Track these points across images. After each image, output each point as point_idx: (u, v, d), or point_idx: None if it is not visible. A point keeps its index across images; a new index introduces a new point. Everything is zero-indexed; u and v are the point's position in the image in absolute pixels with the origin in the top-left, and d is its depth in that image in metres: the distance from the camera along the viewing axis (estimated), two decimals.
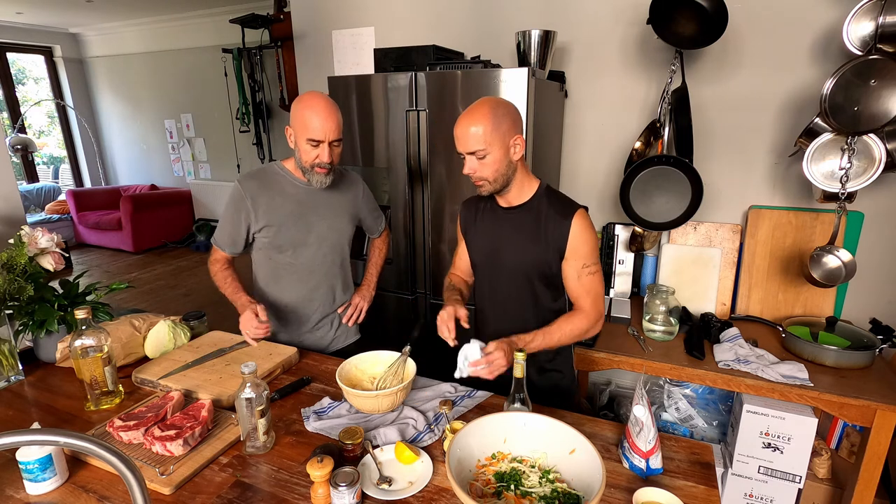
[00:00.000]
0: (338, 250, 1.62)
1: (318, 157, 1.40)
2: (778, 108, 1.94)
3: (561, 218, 1.25)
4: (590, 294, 1.28)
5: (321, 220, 1.55)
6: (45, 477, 0.96)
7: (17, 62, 6.79)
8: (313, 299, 1.61)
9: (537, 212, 1.28)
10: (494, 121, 1.17)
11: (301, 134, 1.39)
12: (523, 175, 1.28)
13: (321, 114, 1.36)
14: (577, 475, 0.91)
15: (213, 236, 1.55)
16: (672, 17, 1.80)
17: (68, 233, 6.12)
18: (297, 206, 1.51)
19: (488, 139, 1.17)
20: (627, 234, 2.15)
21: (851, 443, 1.85)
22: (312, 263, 1.57)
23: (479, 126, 1.17)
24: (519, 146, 1.21)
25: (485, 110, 1.17)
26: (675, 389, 2.09)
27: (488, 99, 1.21)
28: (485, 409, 1.23)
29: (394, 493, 0.94)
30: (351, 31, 2.70)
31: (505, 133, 1.18)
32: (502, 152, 1.19)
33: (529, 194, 1.30)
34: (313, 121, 1.36)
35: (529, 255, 1.29)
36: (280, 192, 1.50)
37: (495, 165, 1.20)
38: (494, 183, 1.24)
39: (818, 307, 1.91)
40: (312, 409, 1.22)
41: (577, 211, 1.25)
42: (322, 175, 1.44)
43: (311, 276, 1.59)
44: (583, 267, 1.26)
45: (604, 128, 2.24)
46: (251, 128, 5.05)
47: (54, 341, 1.43)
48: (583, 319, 1.27)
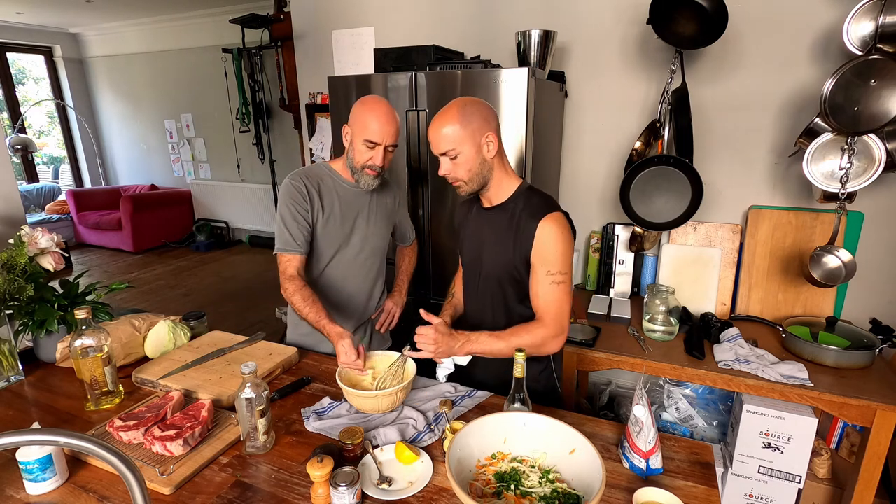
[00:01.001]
0: (378, 254, 1.61)
1: (372, 159, 1.40)
2: (778, 108, 1.94)
3: (530, 220, 1.21)
4: (551, 306, 1.21)
5: (365, 223, 1.54)
6: (45, 477, 0.96)
7: (17, 62, 6.79)
8: (349, 304, 1.59)
9: (512, 212, 1.26)
10: (463, 119, 1.17)
11: (359, 134, 1.38)
12: (501, 173, 1.26)
13: (382, 118, 1.37)
14: (577, 475, 0.91)
15: (277, 245, 1.44)
16: (672, 17, 1.80)
17: (68, 233, 6.12)
18: (344, 207, 1.51)
19: (458, 138, 1.17)
20: (627, 234, 2.16)
21: (851, 443, 1.85)
22: (352, 265, 1.56)
23: (448, 126, 1.17)
24: (492, 143, 1.20)
25: (453, 110, 1.18)
26: (675, 389, 2.09)
27: (458, 99, 1.21)
28: (485, 409, 1.23)
29: (394, 493, 0.94)
30: (351, 31, 2.70)
31: (475, 131, 1.18)
32: (474, 150, 1.19)
33: (508, 193, 1.27)
34: (373, 123, 1.36)
35: (500, 256, 1.27)
36: (329, 192, 1.49)
37: (468, 164, 1.20)
38: (471, 183, 1.23)
39: (818, 307, 1.91)
40: (312, 409, 1.22)
41: (549, 214, 1.20)
42: (371, 177, 1.43)
43: (350, 280, 1.57)
44: (547, 274, 1.20)
45: (604, 128, 2.24)
46: (251, 128, 5.05)
47: (54, 341, 1.43)
48: (540, 331, 1.20)
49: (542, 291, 1.22)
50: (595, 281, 2.27)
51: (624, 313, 2.01)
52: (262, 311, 4.05)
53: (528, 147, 1.77)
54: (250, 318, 3.96)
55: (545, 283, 1.21)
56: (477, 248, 1.34)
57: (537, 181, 1.93)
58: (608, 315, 2.02)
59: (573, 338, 1.81)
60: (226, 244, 6.20)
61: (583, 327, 1.91)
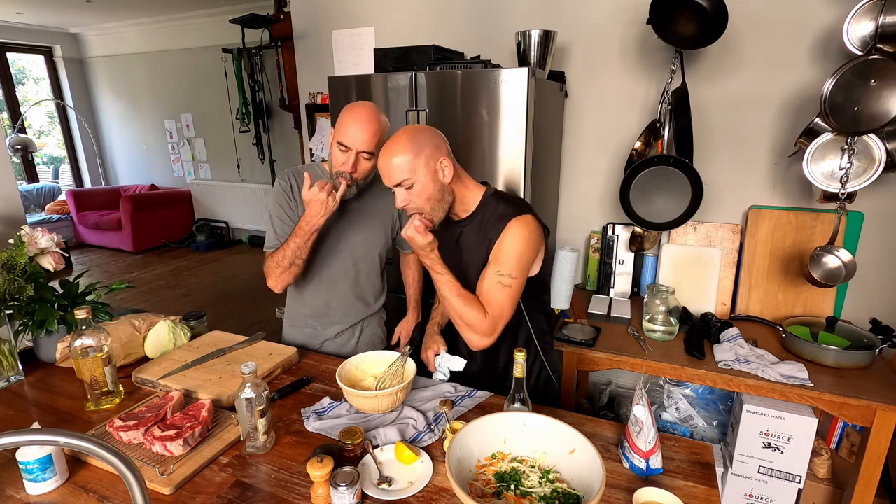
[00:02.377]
0: (368, 262, 1.57)
1: (344, 163, 1.36)
2: (778, 108, 1.94)
3: (498, 222, 1.21)
4: (493, 305, 1.18)
5: (353, 231, 1.51)
6: (45, 477, 0.95)
7: (17, 62, 6.79)
8: (337, 308, 1.58)
9: (480, 220, 1.26)
10: (414, 148, 1.16)
11: (335, 136, 1.37)
12: (462, 190, 1.26)
13: (358, 122, 1.33)
14: (577, 475, 0.91)
15: (266, 243, 1.48)
16: (672, 17, 1.80)
17: (68, 233, 6.12)
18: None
19: (411, 167, 1.16)
20: (627, 234, 2.16)
21: (851, 443, 1.85)
22: (338, 272, 1.54)
23: (399, 156, 1.16)
24: (447, 168, 1.19)
25: (404, 140, 1.17)
26: (675, 389, 2.09)
27: (407, 128, 1.20)
28: (485, 409, 1.23)
29: (394, 493, 0.94)
30: (351, 31, 2.70)
31: (428, 157, 1.17)
32: (429, 178, 1.18)
33: (474, 204, 1.27)
34: (349, 127, 1.34)
35: (475, 265, 1.27)
36: None
37: (426, 193, 1.19)
38: (433, 212, 1.21)
39: (818, 307, 1.91)
40: (312, 409, 1.22)
41: (518, 217, 1.19)
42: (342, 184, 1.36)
43: (337, 284, 1.55)
44: (496, 273, 1.18)
45: (604, 128, 2.24)
46: (251, 128, 5.05)
47: (54, 341, 1.43)
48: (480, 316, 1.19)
49: (486, 289, 1.20)
50: (595, 281, 2.27)
51: (624, 313, 2.01)
52: (262, 311, 4.05)
53: (528, 147, 1.77)
54: (250, 318, 3.96)
55: (492, 282, 1.19)
56: (456, 262, 1.33)
57: (537, 182, 1.93)
58: (608, 315, 2.02)
59: (573, 338, 1.81)
60: (226, 244, 6.20)
61: (583, 327, 1.91)
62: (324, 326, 1.60)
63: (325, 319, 1.59)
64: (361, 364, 1.31)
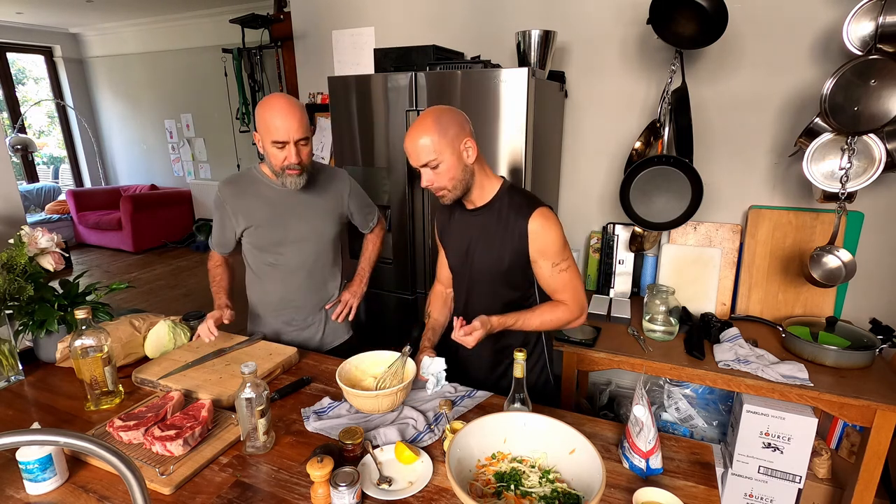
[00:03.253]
0: (321, 249, 1.60)
1: (287, 158, 1.37)
2: (778, 108, 1.94)
3: (519, 218, 1.25)
4: (566, 290, 1.28)
5: (299, 221, 1.54)
6: (45, 477, 0.95)
7: (17, 62, 6.79)
8: (296, 298, 1.61)
9: (498, 212, 1.28)
10: (440, 129, 1.17)
11: (266, 137, 1.36)
12: (482, 176, 1.28)
13: (282, 114, 1.33)
14: (577, 475, 0.91)
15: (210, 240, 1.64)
16: (672, 17, 1.80)
17: (68, 233, 6.12)
18: (272, 208, 1.51)
19: (438, 147, 1.18)
20: (627, 234, 2.16)
21: (851, 443, 1.85)
22: (293, 263, 1.57)
23: (426, 137, 1.17)
24: (471, 149, 1.22)
25: (429, 121, 1.18)
26: (675, 389, 2.09)
27: (432, 109, 1.22)
28: (485, 409, 1.23)
29: (394, 493, 0.94)
30: (351, 31, 2.70)
31: (454, 138, 1.19)
32: (455, 158, 1.20)
33: (491, 194, 1.30)
34: (274, 121, 1.33)
35: (490, 254, 1.30)
36: (256, 196, 1.51)
37: (451, 173, 1.21)
38: (454, 190, 1.24)
39: (818, 307, 1.91)
40: (312, 409, 1.22)
41: (536, 210, 1.24)
42: (294, 176, 1.41)
43: (294, 275, 1.59)
44: (553, 266, 1.26)
45: (604, 128, 2.24)
46: (251, 128, 5.05)
47: (54, 341, 1.43)
48: (564, 311, 1.28)
49: (554, 282, 1.28)
50: (595, 281, 2.27)
51: (624, 313, 2.01)
52: None
53: (528, 147, 1.77)
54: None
55: (554, 274, 1.27)
56: (465, 250, 1.35)
57: (537, 181, 1.93)
58: (608, 315, 2.02)
59: (573, 338, 1.81)
60: None
61: (583, 327, 1.90)
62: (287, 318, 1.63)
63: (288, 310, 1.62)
64: (361, 364, 1.31)
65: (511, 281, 1.32)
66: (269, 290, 1.61)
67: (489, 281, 1.33)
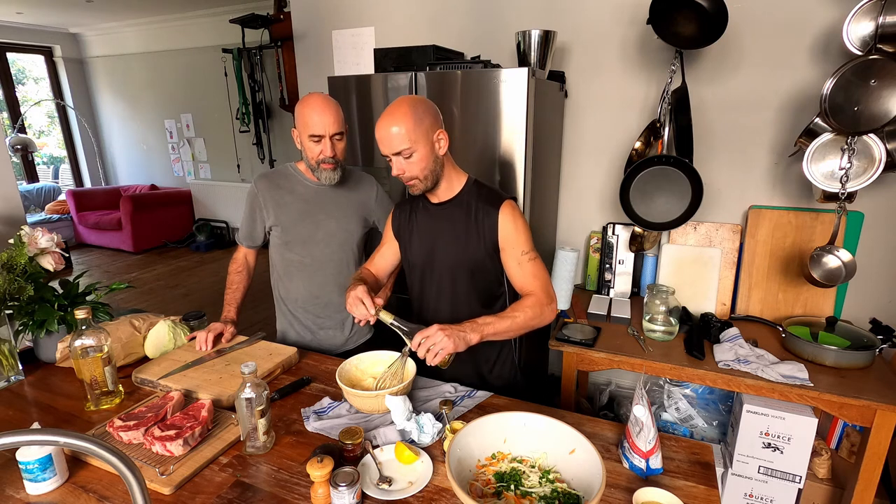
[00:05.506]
0: (347, 249, 1.63)
1: (322, 152, 1.45)
2: (778, 108, 1.94)
3: (490, 209, 1.26)
4: (535, 279, 1.27)
5: (329, 219, 1.58)
6: (45, 477, 0.96)
7: (17, 62, 6.79)
8: (322, 295, 1.63)
9: (467, 205, 1.29)
10: (415, 118, 1.17)
11: (304, 132, 1.44)
12: (451, 169, 1.30)
13: (318, 109, 1.41)
14: (577, 475, 0.91)
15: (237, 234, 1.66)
16: (672, 17, 1.80)
17: (68, 233, 6.12)
18: (304, 204, 1.56)
19: (412, 137, 1.17)
20: (627, 234, 2.16)
21: (851, 443, 1.85)
22: (321, 261, 1.60)
23: (400, 125, 1.17)
24: (443, 140, 1.23)
25: (404, 109, 1.18)
26: (675, 389, 2.09)
27: (405, 98, 1.21)
28: (485, 409, 1.22)
29: (394, 493, 0.94)
30: (351, 31, 2.70)
31: (428, 129, 1.19)
32: (428, 148, 1.21)
33: (458, 188, 1.31)
34: (312, 117, 1.41)
35: (462, 249, 1.30)
36: (290, 192, 1.57)
37: (423, 162, 1.21)
38: (425, 180, 1.25)
39: (818, 307, 1.91)
40: (312, 409, 1.22)
41: (505, 202, 1.27)
42: (329, 171, 1.48)
43: (320, 272, 1.61)
44: (521, 254, 1.27)
45: (604, 128, 2.24)
46: (251, 128, 5.06)
47: (54, 341, 1.43)
48: (534, 304, 1.23)
49: (523, 271, 1.28)
50: (595, 281, 2.27)
51: (624, 313, 2.01)
52: (262, 312, 4.05)
53: (528, 147, 1.77)
54: (250, 318, 3.96)
55: (523, 263, 1.27)
56: (429, 245, 1.35)
57: (537, 181, 1.93)
58: (608, 315, 2.02)
59: (573, 338, 1.81)
60: (226, 244, 6.20)
61: (583, 327, 1.91)
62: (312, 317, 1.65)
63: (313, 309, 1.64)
64: (361, 364, 1.31)
65: (480, 274, 1.33)
66: (295, 287, 1.63)
67: (457, 275, 1.34)
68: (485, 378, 1.43)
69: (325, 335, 1.67)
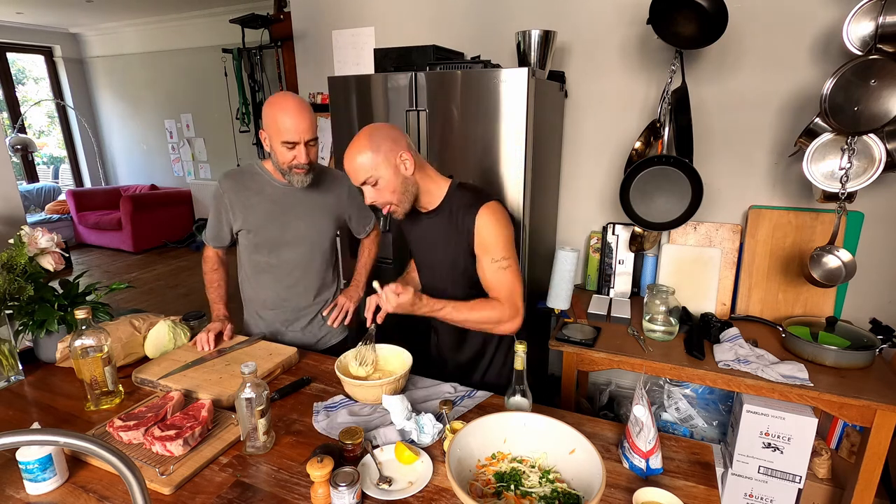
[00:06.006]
0: (318, 250, 1.60)
1: (296, 158, 1.39)
2: (778, 108, 1.94)
3: (467, 214, 1.25)
4: (503, 288, 1.25)
5: (299, 220, 1.54)
6: (45, 477, 0.95)
7: (17, 62, 6.79)
8: (291, 298, 1.61)
9: (449, 212, 1.29)
10: (373, 146, 1.19)
11: (275, 137, 1.38)
12: (427, 182, 1.29)
13: (292, 114, 1.35)
14: (577, 475, 0.91)
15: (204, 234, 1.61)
16: (672, 17, 1.80)
17: (68, 233, 6.12)
18: (273, 205, 1.52)
19: (373, 164, 1.19)
20: (627, 234, 2.16)
21: (851, 443, 1.85)
22: (290, 263, 1.58)
23: (361, 156, 1.19)
24: (407, 161, 1.22)
25: (362, 139, 1.20)
26: (675, 389, 2.09)
27: (365, 128, 1.23)
28: (485, 409, 1.22)
29: (394, 493, 0.94)
30: (351, 31, 2.70)
31: (388, 153, 1.20)
32: (391, 172, 1.21)
33: (440, 196, 1.31)
34: (286, 122, 1.35)
35: (448, 255, 1.31)
36: (257, 192, 1.52)
37: (391, 187, 1.22)
38: (401, 204, 1.25)
39: (818, 307, 1.91)
40: (324, 404, 1.23)
41: (485, 204, 1.24)
42: (301, 175, 1.43)
43: (290, 275, 1.59)
44: (492, 262, 1.25)
45: (604, 128, 2.24)
46: (251, 128, 5.05)
47: (54, 341, 1.43)
48: (496, 308, 1.24)
49: (491, 278, 1.26)
50: (595, 281, 2.27)
51: (624, 313, 2.01)
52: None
53: (528, 147, 1.77)
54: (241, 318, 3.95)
55: (492, 270, 1.26)
56: (428, 252, 1.39)
57: (537, 181, 1.93)
58: (608, 315, 2.02)
59: (573, 338, 1.81)
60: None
61: (582, 327, 1.91)
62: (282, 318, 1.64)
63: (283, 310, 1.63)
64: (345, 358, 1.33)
65: (471, 282, 1.32)
66: (264, 289, 1.61)
67: (450, 283, 1.35)
68: (484, 378, 1.44)
69: (297, 336, 1.65)
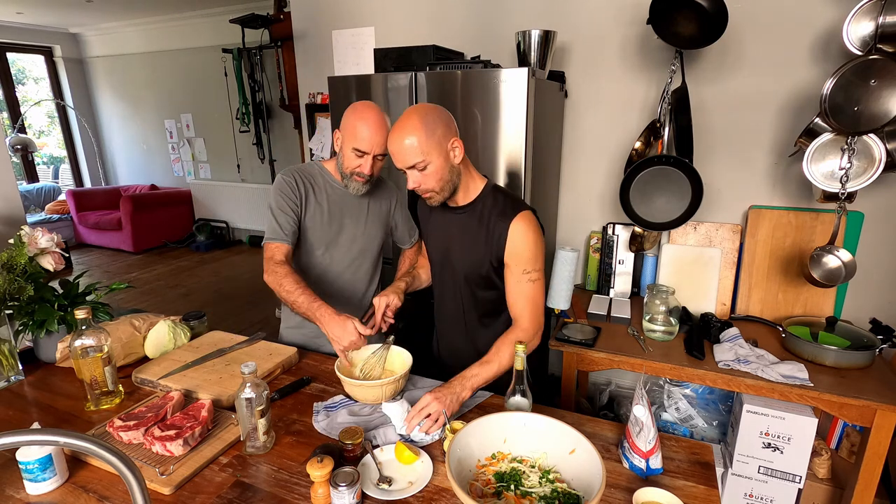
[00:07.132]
0: (367, 255, 1.61)
1: (361, 167, 1.40)
2: (778, 108, 1.94)
3: (501, 220, 1.22)
4: (529, 303, 1.23)
5: (353, 224, 1.56)
6: (45, 477, 0.96)
7: (17, 62, 6.79)
8: (338, 301, 1.58)
9: (480, 213, 1.26)
10: (427, 129, 1.13)
11: (349, 142, 1.38)
12: (468, 176, 1.27)
13: (372, 127, 1.35)
14: (577, 475, 0.91)
15: (266, 235, 1.45)
16: (672, 17, 1.80)
17: (68, 233, 6.12)
18: (331, 206, 1.53)
19: (425, 148, 1.14)
20: (627, 234, 2.16)
21: (851, 443, 1.85)
22: (340, 265, 1.58)
23: (412, 137, 1.13)
24: (458, 149, 1.19)
25: (415, 120, 1.14)
26: (675, 389, 2.09)
27: (416, 107, 1.18)
28: (485, 409, 1.22)
29: (394, 493, 0.94)
30: (351, 31, 2.70)
31: (441, 138, 1.15)
32: (442, 159, 1.17)
33: (475, 194, 1.28)
34: (363, 131, 1.35)
35: (471, 256, 1.28)
36: (319, 191, 1.52)
37: (439, 174, 1.18)
38: (442, 192, 1.22)
39: (818, 307, 1.91)
40: (324, 404, 1.23)
41: (520, 213, 1.21)
42: (360, 184, 1.44)
43: (339, 278, 1.59)
44: (523, 273, 1.22)
45: (604, 128, 2.24)
46: (251, 128, 5.05)
47: (54, 341, 1.43)
48: (519, 335, 1.22)
49: (520, 290, 1.24)
50: (595, 281, 2.27)
51: (624, 313, 2.01)
52: (263, 311, 4.05)
53: (528, 147, 1.77)
54: (250, 318, 3.96)
55: (522, 282, 1.23)
56: (444, 247, 1.35)
57: (537, 181, 1.93)
58: (608, 315, 2.02)
59: (573, 338, 1.81)
60: (226, 244, 6.20)
61: (582, 327, 1.91)
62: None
63: None
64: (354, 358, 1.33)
65: (489, 283, 1.30)
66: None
67: (467, 282, 1.33)
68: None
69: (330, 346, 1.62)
